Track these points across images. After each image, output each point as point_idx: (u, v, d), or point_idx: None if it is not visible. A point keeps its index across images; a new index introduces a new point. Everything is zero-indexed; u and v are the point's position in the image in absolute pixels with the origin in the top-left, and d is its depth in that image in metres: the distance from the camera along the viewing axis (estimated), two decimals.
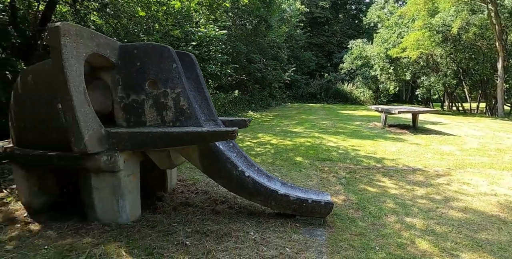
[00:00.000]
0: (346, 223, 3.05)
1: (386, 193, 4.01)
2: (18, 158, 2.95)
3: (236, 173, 2.87)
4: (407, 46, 14.26)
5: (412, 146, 6.91)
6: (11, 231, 2.71)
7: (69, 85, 2.29)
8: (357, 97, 21.37)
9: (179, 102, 2.71)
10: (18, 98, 3.10)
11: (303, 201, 2.93)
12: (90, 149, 2.45)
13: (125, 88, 2.72)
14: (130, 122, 2.75)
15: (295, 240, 2.64)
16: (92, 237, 2.56)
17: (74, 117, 2.36)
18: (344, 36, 26.57)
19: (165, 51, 2.71)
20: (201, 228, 2.74)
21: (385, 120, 9.49)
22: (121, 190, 2.71)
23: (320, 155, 5.84)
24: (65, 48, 2.25)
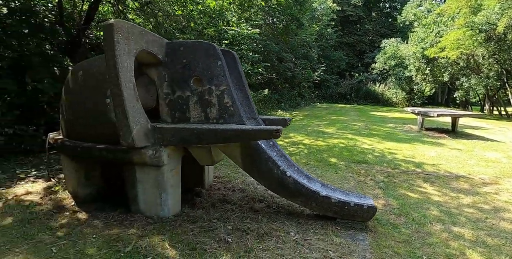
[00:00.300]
0: (388, 229, 2.93)
1: (429, 199, 3.81)
2: (68, 150, 3.09)
3: (277, 172, 2.83)
4: (446, 45, 13.52)
5: (453, 152, 6.54)
6: (60, 218, 2.84)
7: (120, 80, 2.35)
8: (389, 98, 20.59)
9: (223, 99, 2.71)
10: (69, 93, 3.24)
11: (345, 204, 2.85)
12: (138, 143, 2.51)
13: (171, 85, 2.76)
14: (175, 118, 2.79)
15: (337, 243, 2.57)
16: (137, 228, 2.62)
17: (123, 112, 2.42)
18: (377, 35, 25.69)
19: (210, 49, 2.72)
20: (241, 226, 2.73)
21: (422, 123, 9.07)
22: (164, 184, 2.76)
23: (355, 157, 5.68)
24: (118, 44, 2.31)
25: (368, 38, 25.91)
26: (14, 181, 3.91)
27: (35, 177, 4.07)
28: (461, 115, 8.71)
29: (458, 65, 14.88)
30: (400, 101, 20.49)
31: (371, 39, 25.93)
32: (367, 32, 26.08)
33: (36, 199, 3.28)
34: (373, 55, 23.52)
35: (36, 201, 3.22)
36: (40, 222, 2.75)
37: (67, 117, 3.23)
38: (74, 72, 3.25)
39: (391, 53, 19.46)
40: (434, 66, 15.98)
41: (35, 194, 3.44)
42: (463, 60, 14.61)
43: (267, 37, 12.18)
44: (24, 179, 3.99)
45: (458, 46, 13.04)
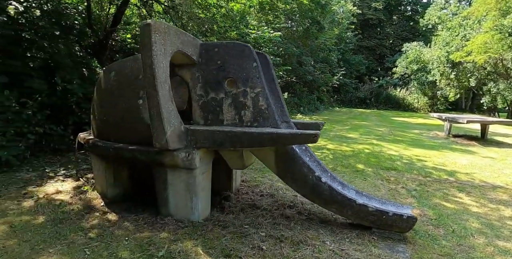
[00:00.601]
0: (427, 241, 2.77)
1: (467, 210, 3.60)
2: (99, 150, 3.08)
3: (312, 178, 2.72)
4: (472, 49, 13.03)
5: (486, 160, 6.22)
6: (91, 219, 2.83)
7: (156, 81, 2.31)
8: (411, 103, 19.99)
9: (258, 102, 2.63)
10: (100, 93, 3.25)
11: (383, 213, 2.70)
12: (171, 145, 2.46)
13: (204, 86, 2.70)
14: (208, 120, 2.73)
15: (376, 254, 2.44)
16: (168, 232, 2.57)
17: (158, 113, 2.37)
18: (398, 38, 25.10)
19: (245, 50, 2.66)
20: (275, 233, 2.63)
21: (450, 129, 8.71)
22: (195, 188, 2.70)
23: (383, 163, 5.48)
24: (155, 45, 2.28)
25: (389, 41, 25.36)
26: (44, 179, 3.96)
27: (64, 176, 4.11)
28: (492, 122, 8.32)
29: (485, 70, 14.30)
30: (422, 107, 19.87)
31: (392, 42, 25.37)
32: (388, 36, 25.56)
33: (66, 199, 3.30)
34: (394, 59, 22.96)
35: (66, 201, 3.23)
36: (72, 222, 2.75)
37: (98, 117, 3.23)
38: (106, 73, 3.26)
39: (413, 57, 18.95)
40: (460, 70, 15.41)
41: (65, 193, 3.46)
42: (491, 65, 14.03)
43: (287, 40, 12.10)
44: (53, 177, 4.04)
45: (486, 50, 12.54)
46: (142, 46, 2.29)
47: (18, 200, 3.24)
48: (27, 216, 2.85)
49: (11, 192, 3.46)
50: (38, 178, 4.00)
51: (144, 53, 2.29)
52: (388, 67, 24.37)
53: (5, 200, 3.23)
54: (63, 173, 4.23)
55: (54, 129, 5.04)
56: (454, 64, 15.40)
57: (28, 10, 4.87)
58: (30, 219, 2.79)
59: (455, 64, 15.24)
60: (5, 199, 3.26)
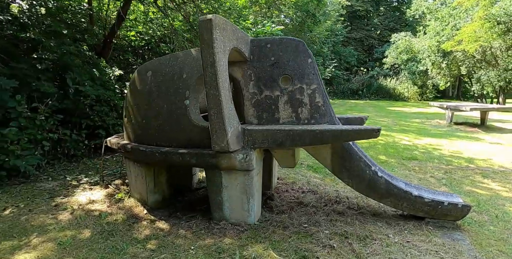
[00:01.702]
0: (475, 227, 2.86)
1: (499, 196, 3.71)
2: (141, 155, 2.92)
3: (369, 173, 2.70)
4: (463, 38, 13.34)
5: (495, 146, 6.41)
6: (141, 229, 2.70)
7: (219, 80, 2.20)
8: (401, 93, 20.37)
9: (315, 98, 2.57)
10: (136, 95, 3.09)
11: (439, 204, 2.73)
12: (232, 147, 2.36)
13: (257, 84, 2.61)
14: (262, 119, 2.64)
15: (440, 244, 2.48)
16: (231, 237, 2.49)
17: (220, 114, 2.27)
18: (385, 29, 25.36)
19: (300, 45, 2.58)
20: (337, 230, 2.61)
21: (451, 117, 8.91)
22: (252, 189, 2.62)
23: (402, 154, 5.54)
24: (216, 41, 2.16)
25: (377, 32, 25.60)
26: (69, 189, 3.77)
27: (88, 184, 3.93)
28: (493, 108, 8.57)
29: (474, 58, 14.70)
30: (412, 96, 20.29)
31: (380, 33, 25.64)
32: (376, 27, 25.79)
33: (104, 208, 3.14)
34: (383, 50, 23.25)
35: (105, 211, 3.08)
36: (123, 234, 2.61)
37: (136, 121, 3.08)
38: (141, 73, 3.11)
39: (403, 48, 19.26)
40: (450, 59, 15.78)
41: (100, 202, 3.30)
42: (480, 53, 14.42)
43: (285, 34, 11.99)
44: (77, 186, 3.85)
45: (476, 39, 12.86)
46: (203, 43, 2.16)
47: (52, 213, 3.05)
48: (71, 231, 2.68)
49: (41, 205, 3.25)
50: (62, 187, 3.80)
51: (205, 51, 2.17)
52: (377, 58, 24.68)
53: (37, 214, 3.02)
54: (87, 181, 4.04)
55: (68, 134, 4.81)
56: (445, 53, 15.76)
57: (33, 7, 4.57)
58: (75, 233, 2.63)
59: (446, 53, 15.60)
60: (37, 213, 3.05)
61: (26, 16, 4.72)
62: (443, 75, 17.06)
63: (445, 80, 17.42)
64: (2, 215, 2.99)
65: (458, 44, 13.48)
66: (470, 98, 22.32)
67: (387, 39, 23.83)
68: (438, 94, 21.66)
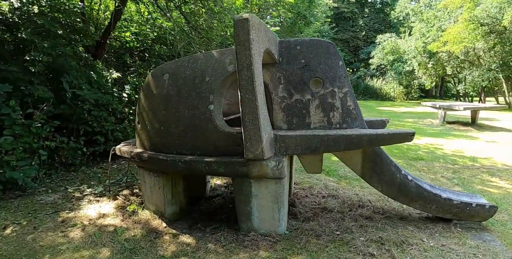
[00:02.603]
0: (499, 227, 2.89)
1: (511, 194, 3.76)
2: (160, 164, 2.75)
3: (400, 176, 2.64)
4: (448, 39, 13.74)
5: (492, 144, 6.58)
6: (165, 245, 2.53)
7: (255, 84, 2.08)
8: (387, 93, 20.82)
9: (346, 102, 2.49)
10: (152, 99, 2.92)
11: (467, 205, 2.73)
12: (266, 154, 2.24)
13: (287, 87, 2.50)
14: (292, 124, 2.53)
15: (475, 246, 2.48)
16: (265, 250, 2.36)
17: (255, 120, 2.14)
18: (370, 30, 25.86)
19: (331, 47, 2.49)
20: (372, 236, 2.54)
21: (444, 117, 9.12)
22: (283, 198, 2.51)
23: (407, 154, 5.57)
24: (253, 43, 2.04)
25: (362, 34, 26.07)
26: (72, 201, 3.52)
27: (93, 195, 3.68)
28: (485, 108, 8.83)
29: (458, 59, 15.16)
30: (398, 95, 20.77)
31: (365, 34, 26.09)
32: (361, 28, 26.24)
33: (117, 223, 2.93)
34: (368, 51, 23.68)
35: (120, 226, 2.86)
36: (147, 251, 2.42)
37: (152, 127, 2.90)
38: (156, 76, 2.93)
39: (390, 49, 19.67)
40: (436, 60, 16.23)
41: (111, 216, 3.08)
42: (463, 54, 14.89)
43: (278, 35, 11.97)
44: (82, 198, 3.60)
45: (461, 40, 13.26)
46: (239, 45, 2.03)
47: (61, 230, 2.80)
48: (87, 251, 2.45)
49: (46, 221, 2.98)
50: (65, 200, 3.54)
51: (241, 52, 2.03)
52: (363, 59, 25.11)
53: (45, 232, 2.76)
54: (90, 192, 3.80)
55: (65, 142, 4.52)
56: (431, 54, 16.19)
57: (25, 5, 4.27)
58: (93, 253, 2.41)
59: (432, 54, 16.03)
60: (44, 231, 2.79)
61: (16, 15, 4.41)
62: (429, 75, 17.53)
63: (431, 80, 17.92)
64: (4, 235, 2.71)
65: (443, 45, 13.86)
66: (452, 97, 23.09)
67: (372, 40, 24.29)
68: (423, 94, 22.28)
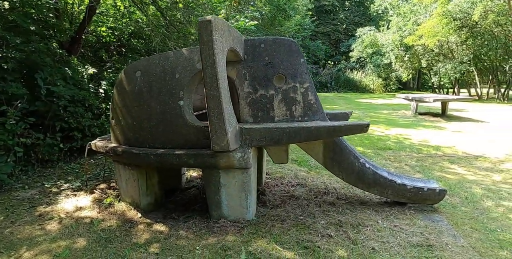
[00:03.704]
0: (450, 209, 3.17)
1: (466, 179, 4.11)
2: (134, 158, 2.88)
3: (358, 165, 2.88)
4: (423, 33, 14.22)
5: (457, 134, 6.99)
6: (139, 233, 2.67)
7: (219, 81, 2.23)
8: (367, 85, 21.37)
9: (307, 96, 2.68)
10: (125, 96, 3.02)
11: (419, 190, 3.00)
12: (232, 146, 2.42)
13: (252, 83, 2.67)
14: (257, 117, 2.71)
15: (423, 226, 2.73)
16: (233, 234, 2.55)
17: (220, 115, 2.30)
18: (351, 23, 26.28)
19: (293, 46, 2.66)
20: (331, 220, 2.77)
21: (416, 108, 9.55)
22: (249, 187, 2.70)
23: (377, 144, 5.88)
24: (216, 42, 2.18)
25: (343, 27, 26.44)
26: (50, 196, 3.60)
27: (70, 190, 3.77)
28: (453, 99, 9.28)
29: (433, 52, 15.73)
30: (377, 88, 21.36)
31: (346, 28, 26.49)
32: (342, 21, 26.61)
33: (94, 215, 3.04)
34: (349, 44, 24.11)
35: (96, 217, 2.98)
36: (121, 240, 2.56)
37: (125, 122, 3.01)
38: (129, 73, 3.03)
39: (369, 42, 20.12)
40: (412, 53, 16.78)
41: (88, 209, 3.19)
42: (438, 47, 15.45)
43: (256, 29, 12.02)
44: (59, 193, 3.68)
45: (435, 34, 13.75)
46: (203, 45, 2.17)
47: (39, 223, 2.88)
48: (64, 241, 2.56)
49: (23, 216, 3.05)
50: (42, 195, 3.61)
51: (205, 52, 2.18)
52: (343, 52, 25.55)
53: (22, 226, 2.84)
54: (68, 187, 3.87)
55: (41, 138, 4.55)
56: (407, 47, 16.72)
57: None
58: (69, 243, 2.52)
59: (408, 47, 16.55)
60: (21, 224, 2.87)
61: None
62: (405, 68, 18.12)
63: (407, 72, 18.53)
64: None
65: (419, 39, 14.34)
66: (428, 89, 23.91)
67: (352, 33, 24.72)
68: (401, 86, 22.99)
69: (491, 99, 16.44)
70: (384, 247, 2.37)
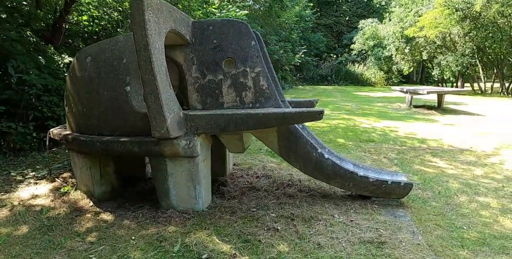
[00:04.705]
0: (419, 204, 3.00)
1: (445, 173, 3.93)
2: (82, 146, 2.79)
3: (315, 155, 2.74)
4: (424, 24, 13.80)
5: (448, 127, 6.77)
6: (84, 221, 2.60)
7: (153, 64, 2.11)
8: (368, 78, 20.97)
9: (259, 82, 2.54)
10: (76, 82, 2.92)
11: (383, 183, 2.84)
12: (172, 133, 2.30)
13: (200, 68, 2.53)
14: (206, 104, 2.58)
15: (382, 221, 2.58)
16: (176, 225, 2.46)
17: (157, 100, 2.19)
18: (354, 15, 25.69)
19: (243, 27, 2.51)
20: (284, 213, 2.65)
21: (411, 101, 9.29)
22: (198, 176, 2.59)
23: (360, 136, 5.72)
24: (149, 23, 2.05)
25: (345, 19, 25.88)
26: (12, 184, 3.55)
27: (35, 178, 3.71)
28: (448, 91, 9.00)
29: (435, 44, 15.29)
30: (378, 81, 20.94)
31: (348, 20, 25.92)
32: (344, 13, 26.05)
33: (47, 203, 2.98)
34: (351, 36, 23.63)
35: (48, 205, 2.92)
36: (63, 228, 2.49)
37: (76, 110, 2.92)
38: (80, 59, 2.92)
39: (370, 34, 19.66)
40: (413, 45, 16.34)
41: (43, 197, 3.13)
42: (440, 39, 15.01)
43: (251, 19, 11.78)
44: (22, 181, 3.63)
45: (436, 25, 13.33)
46: (134, 25, 2.05)
47: None
48: (6, 228, 2.52)
49: None
50: (4, 183, 3.56)
51: (137, 33, 2.06)
52: (346, 44, 25.06)
53: None
54: (33, 175, 3.82)
55: (13, 127, 4.50)
56: (408, 39, 16.27)
57: None
58: (10, 230, 2.48)
59: (409, 39, 16.11)
60: None
61: None
62: (406, 61, 17.69)
63: (409, 65, 18.09)
64: None
65: (420, 30, 13.93)
66: (433, 83, 23.40)
67: (355, 25, 24.21)
68: (403, 79, 22.50)
69: (495, 93, 15.99)
70: (331, 243, 2.23)
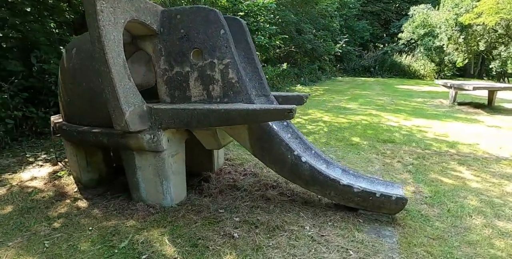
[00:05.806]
0: (419, 222, 2.52)
1: (466, 186, 3.30)
2: (65, 134, 2.88)
3: (291, 157, 2.49)
4: (483, 10, 12.10)
5: (491, 129, 5.89)
6: (60, 207, 2.69)
7: (107, 56, 2.03)
8: (417, 70, 19.14)
9: (228, 74, 2.34)
10: (64, 73, 2.99)
11: (370, 194, 2.46)
12: (132, 127, 2.23)
13: (168, 59, 2.41)
14: (174, 97, 2.47)
15: (359, 240, 2.21)
16: (136, 220, 2.42)
17: (114, 92, 2.12)
18: (405, 1, 23.42)
19: (211, 15, 2.32)
20: (250, 218, 2.46)
21: (455, 97, 8.28)
22: (165, 172, 2.51)
23: (380, 135, 5.21)
24: (102, 13, 1.96)
25: (395, 5, 23.77)
26: (22, 165, 3.82)
27: (44, 160, 3.96)
28: (500, 88, 7.84)
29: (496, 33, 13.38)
30: (428, 74, 19.02)
31: (398, 6, 23.77)
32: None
33: (39, 185, 3.15)
34: (400, 24, 21.67)
35: (39, 188, 3.09)
36: (39, 211, 2.61)
37: (64, 99, 2.99)
38: (68, 50, 2.97)
39: (420, 21, 17.82)
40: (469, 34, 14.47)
41: (40, 179, 3.31)
42: (502, 27, 13.10)
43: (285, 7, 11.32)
44: (32, 163, 3.89)
45: (498, 11, 11.62)
46: (87, 17, 1.98)
47: None
48: None
49: None
50: (17, 164, 3.85)
51: (90, 25, 1.99)
52: (394, 33, 23.07)
53: None
54: (44, 158, 4.08)
55: (35, 112, 4.85)
56: (463, 27, 14.42)
57: None
58: None
59: (464, 27, 14.27)
60: None
61: None
62: (460, 51, 15.77)
63: (463, 56, 16.11)
64: None
65: (477, 17, 12.26)
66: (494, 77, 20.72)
67: (406, 12, 22.12)
68: (458, 72, 20.18)
69: None
70: None
